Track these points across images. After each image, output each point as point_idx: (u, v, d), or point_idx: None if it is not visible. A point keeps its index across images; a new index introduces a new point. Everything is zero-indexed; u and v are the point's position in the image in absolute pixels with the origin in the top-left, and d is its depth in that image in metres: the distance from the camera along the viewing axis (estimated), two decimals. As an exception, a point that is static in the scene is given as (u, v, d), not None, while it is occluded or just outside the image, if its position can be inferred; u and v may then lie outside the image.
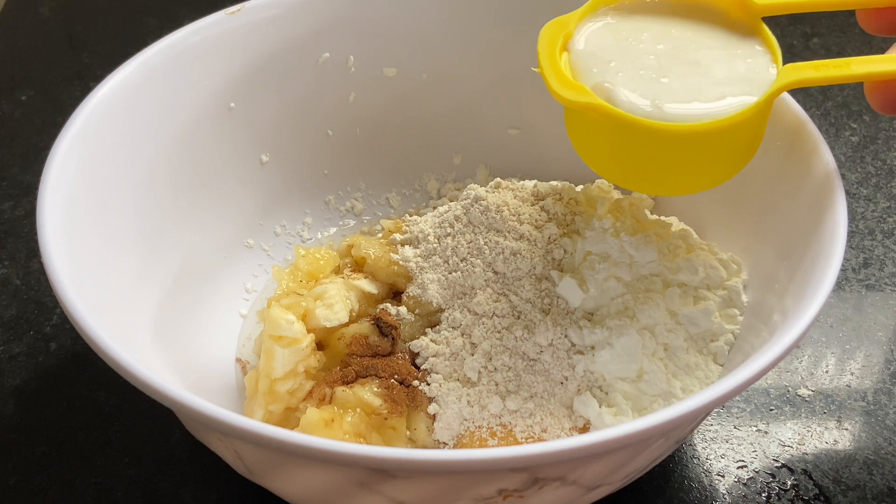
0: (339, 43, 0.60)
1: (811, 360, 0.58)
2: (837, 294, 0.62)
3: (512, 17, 0.61)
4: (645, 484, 0.51)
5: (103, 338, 0.38)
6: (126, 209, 0.50)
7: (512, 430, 0.48)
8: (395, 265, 0.53)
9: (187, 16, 0.57)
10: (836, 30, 0.87)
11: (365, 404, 0.48)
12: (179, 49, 0.54)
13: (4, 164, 0.72)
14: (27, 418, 0.54)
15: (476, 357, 0.50)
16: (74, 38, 0.87)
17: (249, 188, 0.60)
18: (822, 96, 0.79)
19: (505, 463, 0.35)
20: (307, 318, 0.49)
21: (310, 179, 0.63)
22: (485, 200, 0.53)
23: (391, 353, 0.51)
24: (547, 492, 0.40)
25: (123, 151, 0.50)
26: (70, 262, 0.42)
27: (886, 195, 0.70)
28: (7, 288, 0.62)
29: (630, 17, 0.46)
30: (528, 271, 0.51)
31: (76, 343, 0.58)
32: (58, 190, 0.45)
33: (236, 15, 0.56)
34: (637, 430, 0.35)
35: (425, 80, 0.63)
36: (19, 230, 0.66)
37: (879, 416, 0.55)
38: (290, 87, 0.60)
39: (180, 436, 0.52)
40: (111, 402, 0.55)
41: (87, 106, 0.49)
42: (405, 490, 0.39)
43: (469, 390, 0.49)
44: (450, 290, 0.52)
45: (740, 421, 0.54)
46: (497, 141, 0.65)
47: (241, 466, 0.43)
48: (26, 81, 0.80)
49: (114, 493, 0.50)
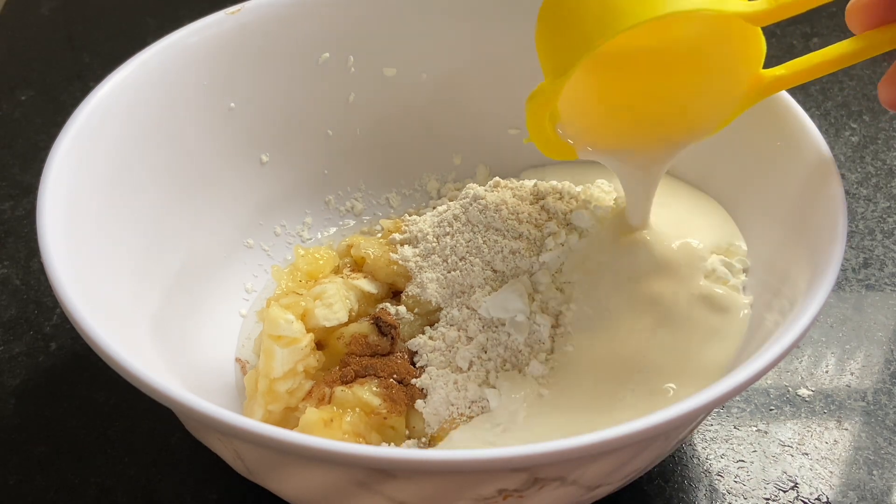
0: (339, 43, 0.60)
1: (811, 360, 0.58)
2: (837, 294, 0.62)
3: (511, 17, 0.61)
4: (645, 484, 0.51)
5: (103, 338, 0.38)
6: (126, 209, 0.50)
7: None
8: (394, 265, 0.53)
9: (187, 16, 0.57)
10: (837, 30, 0.87)
11: (364, 404, 0.48)
12: (179, 49, 0.54)
13: (4, 164, 0.72)
14: (27, 418, 0.54)
15: (470, 347, 0.50)
16: (74, 38, 0.87)
17: (249, 188, 0.60)
18: (822, 96, 0.79)
19: (505, 463, 0.35)
20: (306, 317, 0.49)
21: (310, 179, 0.63)
22: (483, 199, 0.53)
23: (390, 352, 0.51)
24: (547, 492, 0.40)
25: (123, 151, 0.50)
26: (70, 262, 0.42)
27: (886, 195, 0.70)
28: (7, 288, 0.62)
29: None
30: (527, 270, 0.51)
31: (76, 343, 0.58)
32: (57, 190, 0.45)
33: (236, 15, 0.56)
34: (637, 430, 0.35)
35: (425, 80, 0.63)
36: (19, 230, 0.66)
37: (879, 416, 0.55)
38: (289, 87, 0.60)
39: (180, 436, 0.52)
40: (111, 402, 0.55)
41: (86, 106, 0.49)
42: (405, 490, 0.39)
43: (458, 376, 0.49)
44: (449, 290, 0.52)
45: (740, 421, 0.54)
46: (497, 141, 0.65)
47: (241, 466, 0.43)
48: (26, 81, 0.80)
49: (114, 493, 0.50)
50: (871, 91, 0.80)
